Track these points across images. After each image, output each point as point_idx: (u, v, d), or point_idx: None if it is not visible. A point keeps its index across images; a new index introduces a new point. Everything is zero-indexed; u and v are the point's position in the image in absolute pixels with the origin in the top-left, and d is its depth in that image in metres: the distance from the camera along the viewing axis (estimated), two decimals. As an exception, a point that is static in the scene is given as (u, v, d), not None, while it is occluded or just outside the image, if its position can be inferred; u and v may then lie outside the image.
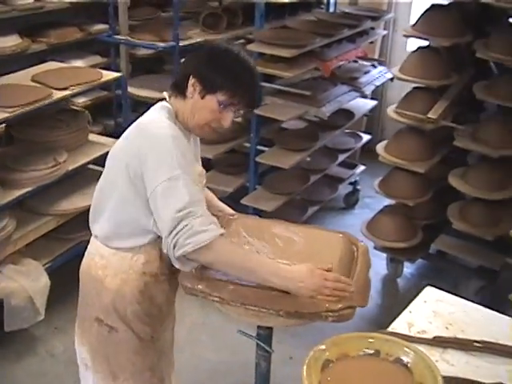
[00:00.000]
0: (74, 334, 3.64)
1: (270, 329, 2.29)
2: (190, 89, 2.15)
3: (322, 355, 1.72)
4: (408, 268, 4.55)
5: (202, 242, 1.96)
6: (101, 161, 3.56)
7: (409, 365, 1.70)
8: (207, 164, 3.71)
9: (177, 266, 2.07)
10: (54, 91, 3.68)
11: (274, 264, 2.09)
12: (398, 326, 2.06)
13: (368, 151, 5.67)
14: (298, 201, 4.77)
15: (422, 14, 3.91)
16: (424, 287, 2.32)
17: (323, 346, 1.74)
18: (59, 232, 3.92)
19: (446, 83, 3.88)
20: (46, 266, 3.77)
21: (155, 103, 2.27)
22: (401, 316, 2.12)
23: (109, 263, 2.28)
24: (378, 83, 5.00)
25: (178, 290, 2.41)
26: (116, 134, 4.70)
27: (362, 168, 5.46)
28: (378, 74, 5.07)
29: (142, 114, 2.24)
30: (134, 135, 2.17)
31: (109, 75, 4.08)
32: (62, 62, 4.44)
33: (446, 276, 4.41)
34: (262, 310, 2.00)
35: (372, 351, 1.76)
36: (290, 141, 4.45)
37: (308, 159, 4.44)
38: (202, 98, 2.13)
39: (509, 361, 1.91)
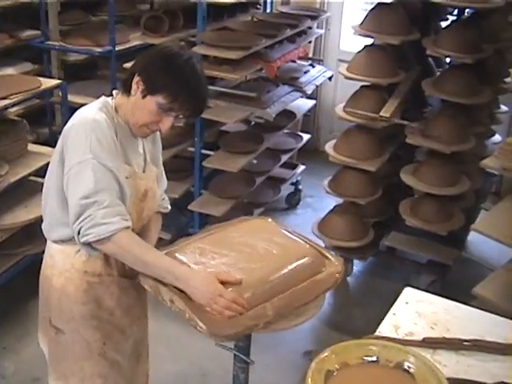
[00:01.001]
0: (23, 351, 3.55)
1: (249, 339, 2.23)
2: (134, 86, 2.11)
3: (323, 366, 1.67)
4: (356, 266, 4.56)
5: (103, 234, 2.00)
6: (42, 172, 3.41)
7: (410, 370, 1.68)
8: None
9: (84, 251, 2.11)
10: (-7, 101, 3.51)
11: (172, 263, 2.10)
12: (385, 329, 2.03)
13: (305, 151, 5.67)
14: (244, 204, 4.72)
15: (369, 13, 3.91)
16: (378, 284, 2.34)
17: (323, 356, 1.69)
18: (2, 248, 3.73)
19: (394, 81, 3.91)
20: (-9, 284, 3.59)
21: None
22: (385, 319, 2.09)
23: (55, 262, 2.27)
24: (318, 83, 4.99)
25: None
26: (51, 143, 4.57)
27: (302, 168, 5.45)
28: (317, 74, 5.06)
29: None
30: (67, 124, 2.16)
31: (48, 83, 3.92)
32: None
33: (396, 272, 4.47)
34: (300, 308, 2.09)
35: (371, 358, 1.73)
36: (236, 144, 4.40)
37: (254, 161, 4.39)
38: (143, 97, 2.10)
39: (498, 358, 1.91)
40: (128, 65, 3.85)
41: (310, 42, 5.31)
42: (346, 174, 4.07)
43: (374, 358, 1.72)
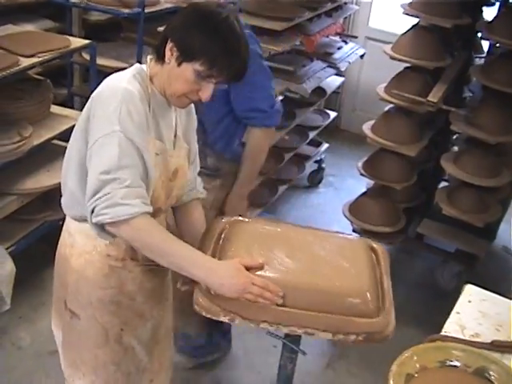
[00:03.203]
0: (40, 322, 3.43)
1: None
2: (167, 53, 1.90)
3: (403, 369, 1.58)
4: (382, 251, 4.46)
5: (121, 216, 1.77)
6: (65, 135, 3.26)
7: (491, 377, 1.59)
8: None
9: (93, 231, 1.87)
10: (21, 58, 3.32)
11: (196, 254, 1.89)
12: (450, 328, 1.94)
13: (326, 128, 5.53)
14: (268, 180, 4.58)
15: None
16: (402, 271, 2.23)
17: (403, 358, 1.60)
18: (21, 213, 3.58)
19: (441, 65, 3.75)
20: (9, 249, 3.42)
21: (112, 73, 2.02)
22: (450, 318, 1.99)
23: (75, 242, 2.08)
24: (351, 60, 4.83)
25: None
26: (69, 105, 4.41)
27: (326, 146, 5.32)
28: (350, 51, 4.90)
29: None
30: (95, 90, 1.96)
31: (78, 42, 3.75)
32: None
33: (422, 259, 4.38)
34: None
35: (450, 362, 1.64)
36: (268, 118, 4.23)
37: (286, 137, 4.24)
38: (179, 65, 1.88)
39: None
40: (161, 28, 3.69)
41: (345, 18, 5.14)
42: (382, 157, 3.92)
43: (453, 363, 1.63)
